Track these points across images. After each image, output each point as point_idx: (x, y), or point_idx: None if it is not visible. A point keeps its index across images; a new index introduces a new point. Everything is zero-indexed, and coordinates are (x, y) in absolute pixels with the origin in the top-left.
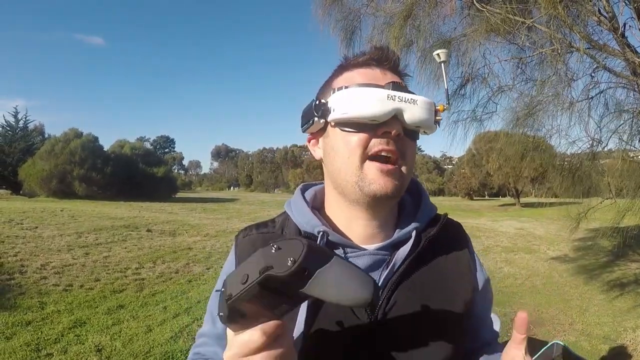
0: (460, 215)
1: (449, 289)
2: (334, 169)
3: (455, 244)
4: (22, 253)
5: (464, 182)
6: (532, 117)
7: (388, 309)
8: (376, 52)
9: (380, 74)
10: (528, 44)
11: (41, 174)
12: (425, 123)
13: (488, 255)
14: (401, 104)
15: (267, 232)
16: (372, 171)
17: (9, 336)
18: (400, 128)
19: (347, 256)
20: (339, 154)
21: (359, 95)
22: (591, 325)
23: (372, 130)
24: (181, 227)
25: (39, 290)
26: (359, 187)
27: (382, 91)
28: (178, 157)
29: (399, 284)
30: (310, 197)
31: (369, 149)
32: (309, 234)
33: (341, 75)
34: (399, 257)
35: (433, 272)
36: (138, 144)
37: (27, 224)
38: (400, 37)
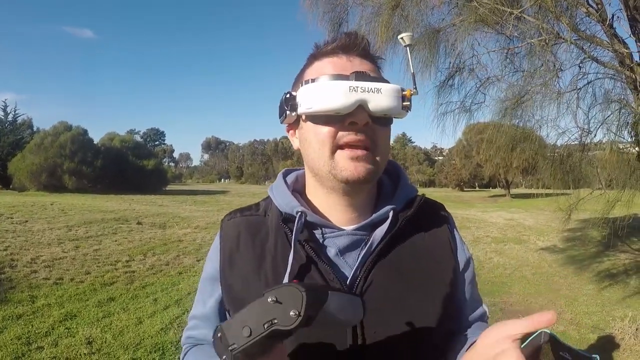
0: (451, 206)
1: (428, 268)
2: (309, 159)
3: (434, 224)
4: (12, 247)
5: (454, 173)
6: (520, 107)
7: (365, 287)
8: (344, 39)
9: (347, 62)
10: (516, 34)
11: (31, 167)
12: (392, 111)
13: (478, 246)
14: (364, 94)
15: (250, 215)
16: (343, 159)
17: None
18: (367, 117)
19: (325, 236)
20: (311, 146)
21: (322, 89)
22: (580, 314)
23: (340, 122)
24: (171, 219)
25: (30, 284)
26: (332, 174)
27: (345, 83)
28: (168, 150)
29: (376, 263)
30: (291, 181)
31: (337, 140)
32: (288, 214)
33: (312, 65)
34: (377, 237)
35: (411, 251)
36: (128, 136)
37: (17, 218)
38: (388, 27)
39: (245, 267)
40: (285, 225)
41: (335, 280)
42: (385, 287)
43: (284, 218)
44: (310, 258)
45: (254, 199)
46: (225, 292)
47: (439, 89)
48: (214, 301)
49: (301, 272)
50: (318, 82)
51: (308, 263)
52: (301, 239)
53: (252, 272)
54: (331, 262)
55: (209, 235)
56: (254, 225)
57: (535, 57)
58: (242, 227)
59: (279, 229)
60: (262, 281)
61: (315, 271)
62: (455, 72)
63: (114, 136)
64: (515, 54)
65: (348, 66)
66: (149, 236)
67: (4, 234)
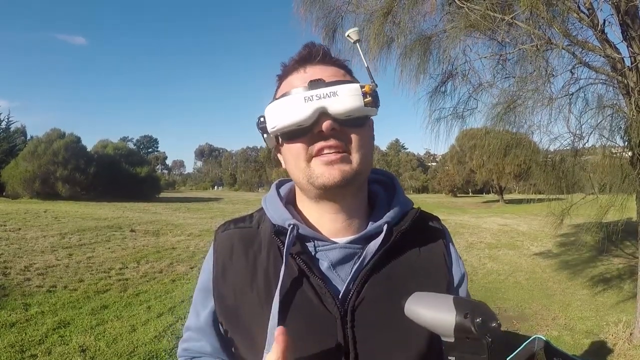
0: (444, 212)
1: (422, 284)
2: (291, 174)
3: (429, 238)
4: (6, 255)
5: (447, 179)
6: (513, 112)
7: (358, 302)
8: (302, 52)
9: (304, 74)
10: (508, 40)
11: (24, 175)
12: (354, 112)
13: (472, 252)
14: (321, 101)
15: (244, 227)
16: (317, 166)
17: None
18: (332, 123)
19: (317, 249)
20: (289, 161)
21: (281, 106)
22: (574, 319)
23: (308, 133)
24: (165, 226)
25: (23, 292)
26: (310, 183)
27: (299, 95)
28: (161, 157)
29: (369, 278)
30: (284, 193)
31: (310, 151)
32: (280, 227)
33: (279, 86)
34: (370, 251)
35: (405, 265)
36: (121, 144)
37: (11, 225)
38: (380, 33)
39: (238, 279)
40: (278, 238)
41: (327, 295)
42: (379, 302)
43: (276, 231)
44: (302, 271)
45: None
46: (218, 304)
47: (431, 95)
48: (208, 313)
49: (293, 286)
50: (276, 102)
51: (300, 276)
52: (293, 252)
53: (245, 285)
54: (323, 276)
55: (203, 242)
56: (247, 237)
57: (527, 63)
58: (236, 239)
59: (271, 241)
60: (254, 293)
61: (307, 285)
62: (448, 79)
63: (107, 143)
64: (507, 60)
65: (306, 77)
66: (143, 244)
67: None
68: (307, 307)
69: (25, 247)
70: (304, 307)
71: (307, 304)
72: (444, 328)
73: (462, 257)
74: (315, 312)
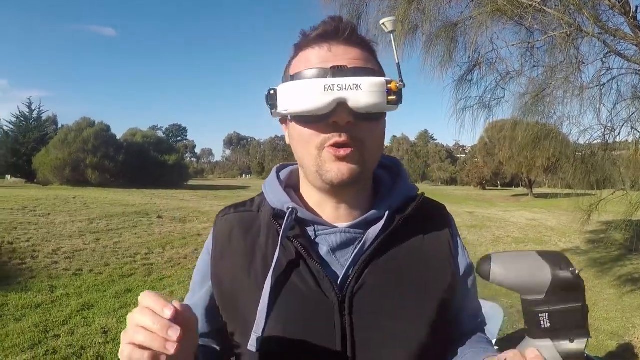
0: (472, 205)
1: (425, 271)
2: (298, 156)
3: (434, 225)
4: (35, 239)
5: (476, 171)
6: (542, 102)
7: (357, 288)
8: (327, 25)
9: (328, 52)
10: (536, 26)
11: (55, 162)
12: (375, 108)
13: (498, 246)
14: (342, 92)
15: (244, 211)
16: (328, 160)
17: (18, 318)
18: (349, 117)
19: (317, 233)
20: (298, 145)
21: (298, 90)
22: (599, 320)
23: (322, 121)
24: (191, 213)
25: (50, 274)
26: (319, 175)
27: (320, 82)
28: (190, 146)
29: (370, 262)
30: (285, 177)
31: (323, 140)
32: (279, 210)
33: (297, 56)
34: (370, 236)
35: (407, 252)
36: (150, 132)
37: (40, 211)
38: (405, 21)
39: (236, 263)
40: (276, 221)
41: (326, 279)
42: (379, 288)
43: (274, 214)
44: (300, 255)
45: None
46: (216, 287)
47: (457, 84)
48: (204, 292)
49: (290, 269)
50: (294, 82)
51: (297, 260)
52: (291, 235)
53: (242, 269)
54: (322, 260)
55: None
56: (246, 221)
57: (556, 51)
58: (235, 223)
59: (270, 225)
60: (251, 278)
61: (305, 269)
62: (474, 67)
63: (136, 132)
64: (536, 48)
65: (329, 58)
66: (169, 230)
67: (27, 226)
68: (304, 291)
69: (53, 232)
70: (300, 291)
71: (305, 288)
72: (540, 285)
73: (488, 250)
74: (312, 297)
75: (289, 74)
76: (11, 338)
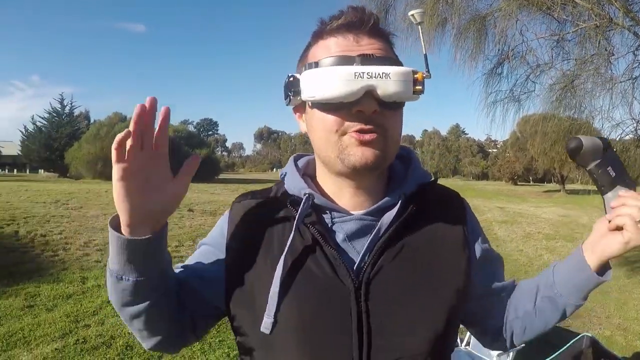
0: (503, 200)
1: (438, 257)
2: (316, 144)
3: (448, 211)
4: (67, 231)
5: (507, 166)
6: (573, 96)
7: (373, 274)
8: (351, 15)
9: (353, 42)
10: (566, 17)
11: (87, 157)
12: (402, 96)
13: (528, 242)
14: (371, 80)
15: (261, 198)
16: (351, 144)
17: (50, 308)
18: (375, 104)
19: (334, 221)
20: (317, 132)
21: (326, 76)
22: (629, 320)
23: (347, 109)
24: (222, 207)
25: (81, 266)
26: (340, 159)
27: (350, 69)
28: (221, 140)
29: (385, 249)
30: (302, 165)
31: (345, 128)
32: (295, 196)
33: (316, 44)
34: (385, 222)
35: (421, 238)
36: (181, 126)
37: (73, 204)
38: (434, 14)
39: (252, 248)
40: (292, 207)
41: (342, 266)
42: (394, 274)
43: (291, 200)
44: (316, 241)
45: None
46: (230, 268)
47: (487, 77)
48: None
49: (305, 255)
50: (321, 68)
51: (314, 246)
52: (308, 221)
53: (258, 253)
54: (338, 247)
55: None
56: (263, 207)
57: (587, 43)
58: (252, 209)
59: (287, 211)
60: (268, 263)
61: (321, 254)
62: (504, 60)
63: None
64: (566, 40)
65: (354, 47)
66: (199, 223)
67: (60, 219)
68: (319, 276)
69: (85, 225)
70: (316, 277)
71: (320, 273)
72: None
73: (518, 247)
74: (328, 283)
75: (308, 61)
76: (43, 327)
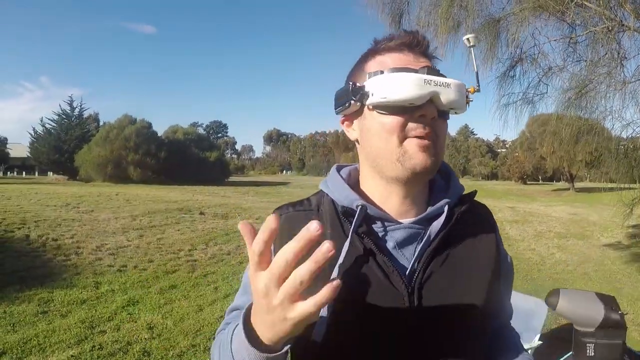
0: (513, 199)
1: (478, 265)
2: (372, 149)
3: (483, 223)
4: (78, 235)
5: (517, 166)
6: (585, 97)
7: (424, 279)
8: (407, 37)
9: (413, 58)
10: (578, 22)
11: (97, 159)
12: (458, 104)
13: (540, 241)
14: (437, 87)
15: (303, 210)
16: (413, 147)
17: (64, 314)
18: (435, 111)
19: (386, 230)
20: (377, 136)
21: (397, 80)
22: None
23: (409, 113)
24: (233, 210)
25: (94, 271)
26: (400, 162)
27: (419, 76)
28: (231, 142)
29: (434, 257)
30: (345, 176)
31: (407, 132)
32: (347, 208)
33: (374, 59)
34: (433, 230)
35: (463, 247)
36: (191, 129)
37: (84, 207)
38: (448, 18)
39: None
40: (346, 218)
41: (395, 272)
42: (443, 280)
43: (344, 211)
44: (368, 250)
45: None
46: None
47: (500, 80)
48: None
49: (359, 264)
50: (392, 73)
51: (366, 255)
52: (360, 231)
53: None
54: (390, 255)
55: None
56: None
57: (598, 46)
58: (296, 222)
59: (334, 222)
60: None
61: (374, 263)
62: (517, 63)
63: (177, 129)
64: (577, 43)
65: (415, 62)
66: (211, 226)
67: (71, 222)
68: (374, 283)
69: (97, 228)
70: (370, 284)
71: (374, 280)
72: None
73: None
74: (382, 289)
75: (367, 70)
76: (57, 334)
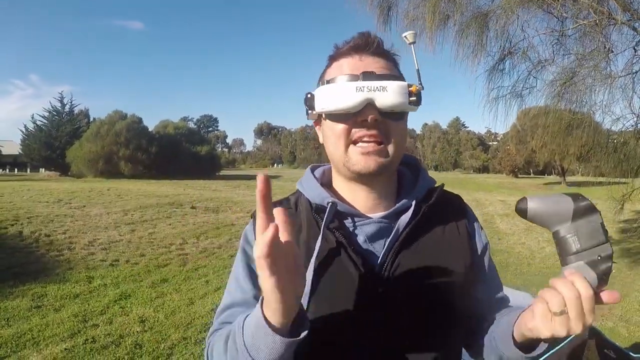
0: (504, 193)
1: (448, 253)
2: (329, 152)
3: (452, 213)
4: (71, 231)
5: (508, 159)
6: (573, 90)
7: (393, 270)
8: (357, 40)
9: (359, 62)
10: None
11: (88, 155)
12: (399, 107)
13: (530, 235)
14: (370, 93)
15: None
16: (355, 154)
17: (57, 308)
18: (376, 113)
19: (355, 224)
20: (329, 141)
21: (334, 91)
22: (631, 311)
23: (352, 119)
24: (224, 203)
25: (87, 265)
26: (347, 167)
27: (352, 84)
28: (221, 136)
29: (402, 249)
30: (319, 175)
31: (351, 136)
32: (319, 205)
33: (330, 66)
34: (401, 224)
35: (432, 237)
36: (181, 123)
37: (76, 203)
38: (436, 11)
39: None
40: (317, 215)
41: (365, 264)
42: (411, 271)
43: (315, 209)
44: (340, 244)
45: None
46: None
47: (489, 73)
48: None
49: (331, 257)
50: (330, 85)
51: (338, 248)
52: (332, 227)
53: None
54: (360, 248)
55: None
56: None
57: (586, 39)
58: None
59: (310, 219)
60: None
61: (345, 256)
62: (506, 56)
63: (168, 124)
64: (566, 36)
65: (359, 66)
66: (203, 220)
67: (63, 218)
68: (346, 275)
69: (89, 224)
70: (342, 276)
71: (346, 272)
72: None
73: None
74: (354, 280)
75: (324, 79)
76: (51, 328)
